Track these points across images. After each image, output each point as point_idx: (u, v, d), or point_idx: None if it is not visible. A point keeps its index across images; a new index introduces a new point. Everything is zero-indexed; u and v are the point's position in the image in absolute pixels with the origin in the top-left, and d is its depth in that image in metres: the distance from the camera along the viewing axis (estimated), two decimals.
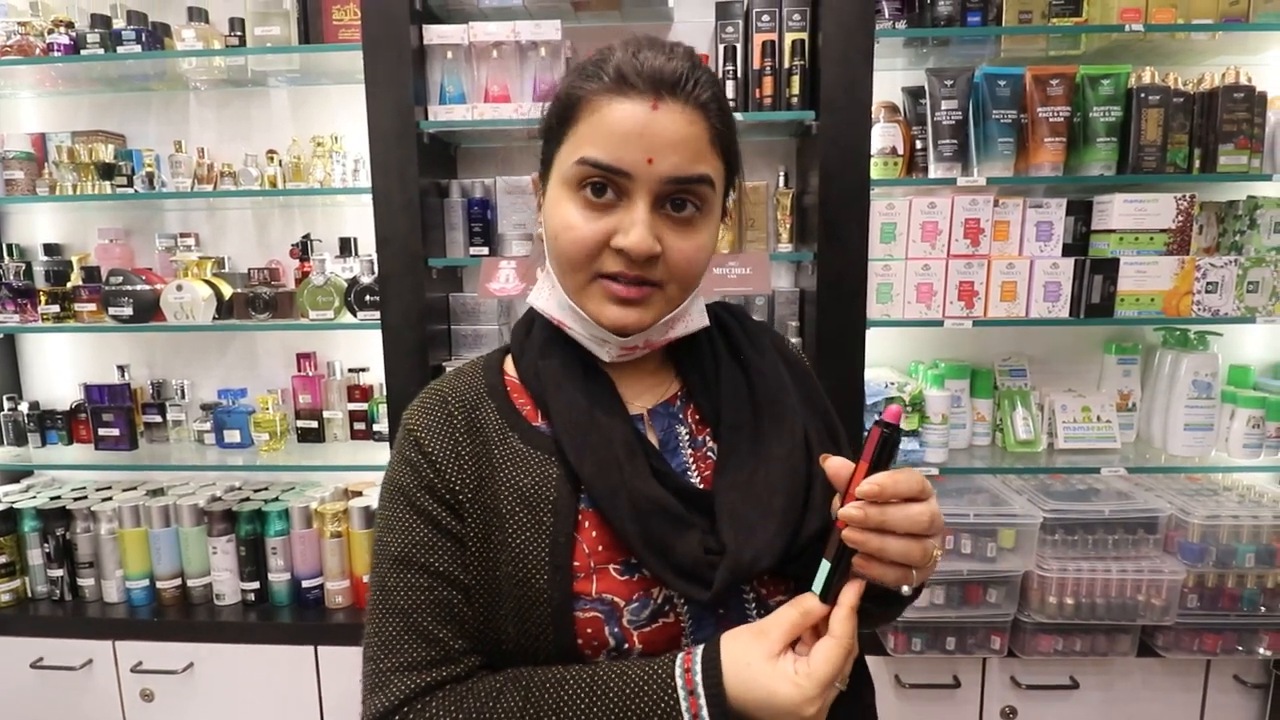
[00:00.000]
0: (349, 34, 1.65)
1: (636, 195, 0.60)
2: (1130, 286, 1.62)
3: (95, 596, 1.79)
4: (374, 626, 0.63)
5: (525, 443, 0.65)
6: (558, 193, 0.63)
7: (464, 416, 0.66)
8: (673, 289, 0.63)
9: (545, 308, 0.68)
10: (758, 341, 0.73)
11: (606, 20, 1.77)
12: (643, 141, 0.58)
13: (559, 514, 0.62)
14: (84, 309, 1.78)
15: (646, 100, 0.59)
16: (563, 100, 0.63)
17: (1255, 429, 1.67)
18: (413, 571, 0.62)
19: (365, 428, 1.84)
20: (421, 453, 0.65)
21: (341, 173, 1.76)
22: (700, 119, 0.60)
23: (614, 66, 0.60)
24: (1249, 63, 1.71)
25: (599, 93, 0.60)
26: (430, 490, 0.64)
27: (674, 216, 0.61)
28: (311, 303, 1.73)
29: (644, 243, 0.59)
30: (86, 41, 1.68)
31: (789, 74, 1.61)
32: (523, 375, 0.69)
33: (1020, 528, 1.59)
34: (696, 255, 0.63)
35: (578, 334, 0.67)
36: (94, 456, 1.83)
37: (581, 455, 0.62)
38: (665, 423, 0.69)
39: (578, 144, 0.61)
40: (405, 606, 0.61)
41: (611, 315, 0.62)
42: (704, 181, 0.61)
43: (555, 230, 0.63)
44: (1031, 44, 1.70)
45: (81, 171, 1.78)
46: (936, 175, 1.65)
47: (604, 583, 0.61)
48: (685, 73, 0.60)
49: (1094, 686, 1.66)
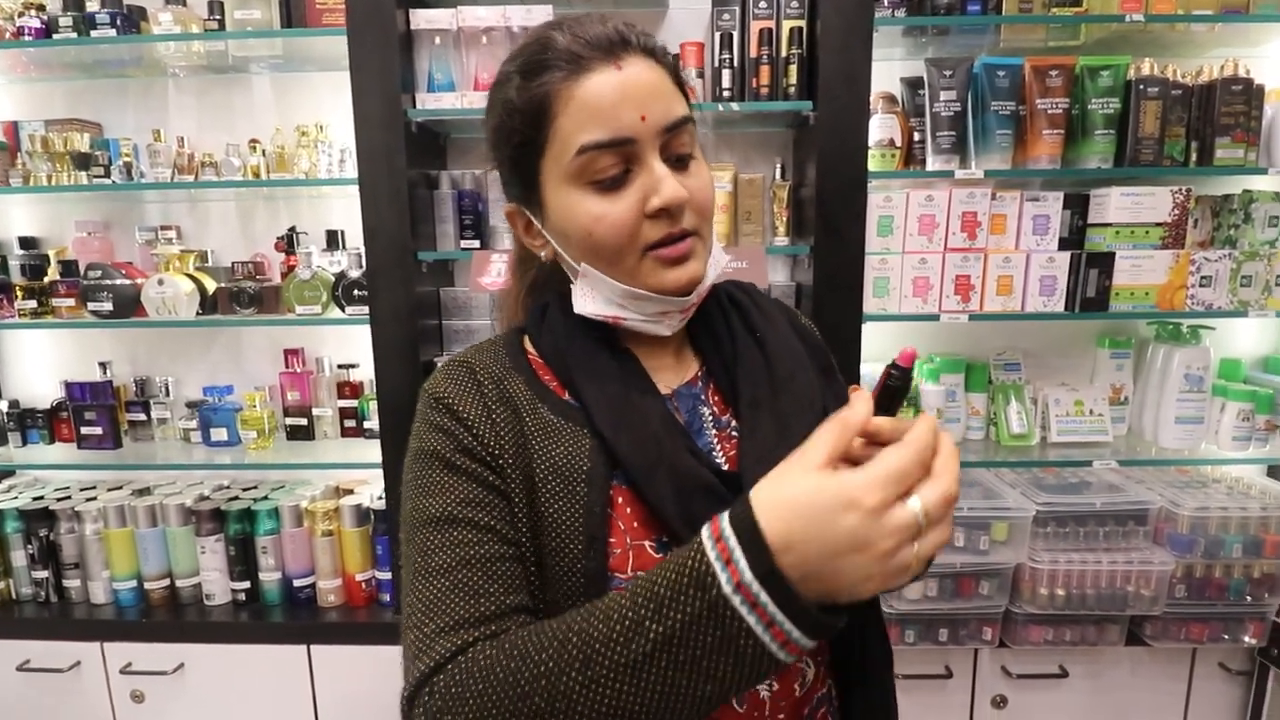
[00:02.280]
0: (333, 18, 1.59)
1: (647, 155, 0.60)
2: (1125, 280, 1.62)
3: (81, 598, 1.76)
4: (414, 593, 0.57)
5: (556, 414, 0.64)
6: (564, 195, 0.61)
7: (493, 386, 0.64)
8: (705, 230, 0.64)
9: (595, 311, 0.66)
10: (772, 317, 0.73)
11: (599, 6, 1.72)
12: (629, 103, 0.58)
13: (593, 484, 0.60)
14: (62, 304, 1.73)
15: (609, 65, 0.58)
16: (525, 109, 0.60)
17: (1245, 422, 1.69)
18: (458, 528, 0.58)
19: (356, 425, 1.81)
20: (455, 418, 0.62)
21: (327, 163, 1.71)
22: (655, 64, 0.61)
23: (561, 51, 0.59)
24: (1248, 55, 1.70)
25: (561, 81, 0.59)
26: (469, 453, 0.61)
27: (675, 164, 0.62)
28: (298, 297, 1.69)
29: (678, 191, 0.60)
30: (59, 25, 1.61)
31: (786, 63, 1.57)
32: (544, 354, 0.68)
33: (1013, 521, 1.61)
34: (707, 189, 0.64)
35: (635, 320, 0.65)
36: (77, 456, 1.79)
37: (618, 431, 0.61)
38: (689, 404, 0.68)
39: (568, 137, 0.59)
40: (450, 563, 0.57)
41: (675, 277, 0.63)
42: (688, 120, 0.62)
43: (585, 227, 0.61)
44: (1031, 34, 1.68)
45: (56, 161, 1.71)
46: (934, 168, 1.63)
47: (639, 559, 0.60)
48: (624, 29, 0.60)
49: (1083, 675, 1.69)
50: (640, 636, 0.47)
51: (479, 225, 1.68)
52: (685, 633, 0.46)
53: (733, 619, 0.45)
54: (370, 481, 1.86)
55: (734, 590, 0.45)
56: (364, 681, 1.68)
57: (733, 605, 0.45)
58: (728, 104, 1.60)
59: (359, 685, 1.68)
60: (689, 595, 0.46)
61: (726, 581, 0.45)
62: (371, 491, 1.80)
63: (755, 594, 0.45)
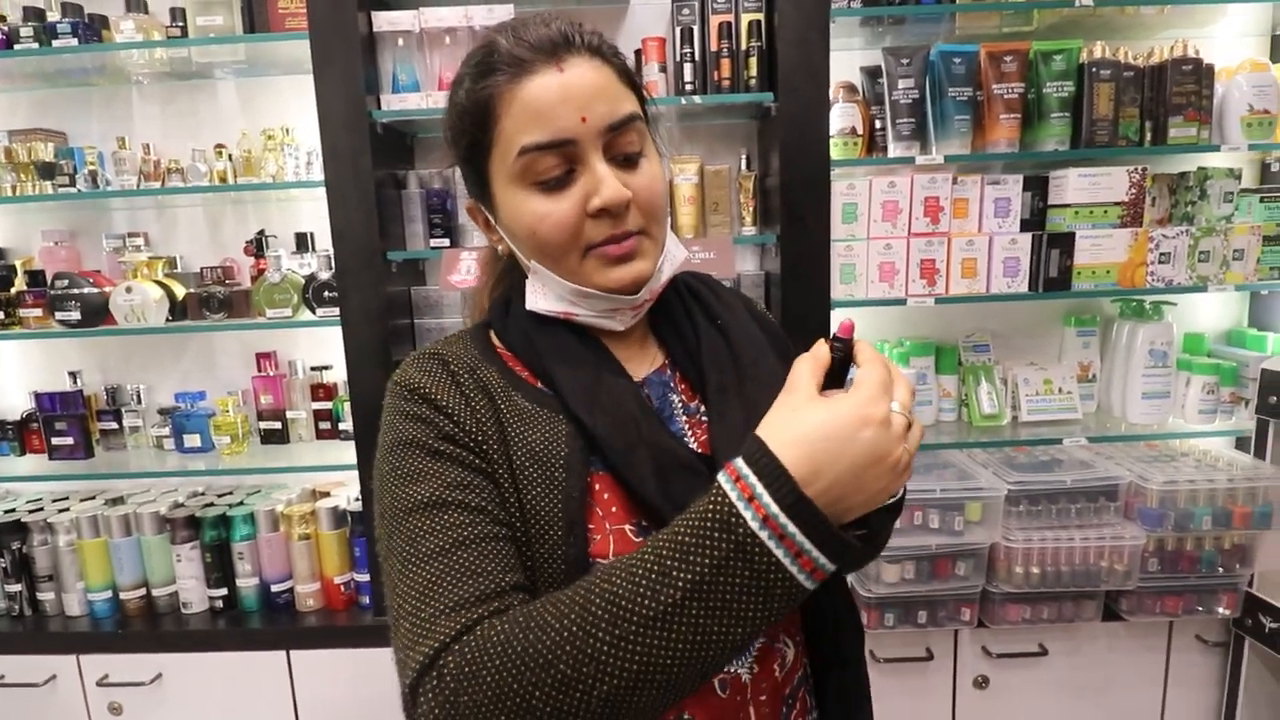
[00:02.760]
0: (295, 22, 1.60)
1: (588, 156, 0.60)
2: (1086, 260, 1.64)
3: (56, 610, 1.74)
4: (406, 581, 0.54)
5: (530, 401, 0.63)
6: (510, 195, 0.62)
7: (467, 375, 0.64)
8: (653, 228, 0.64)
9: (547, 308, 0.66)
10: (732, 306, 0.74)
11: (561, 4, 1.74)
12: (569, 105, 0.59)
13: (570, 470, 0.60)
14: (29, 314, 1.72)
15: (550, 67, 0.59)
16: (472, 110, 0.62)
17: (1210, 395, 1.71)
18: (449, 510, 0.56)
19: (331, 426, 1.81)
20: (433, 406, 0.61)
21: (294, 166, 1.72)
22: (601, 63, 0.61)
23: (504, 54, 0.60)
24: (1196, 35, 1.74)
25: (504, 84, 0.60)
26: (451, 439, 0.60)
27: (621, 164, 0.63)
28: (268, 301, 1.69)
29: (619, 192, 0.60)
30: (20, 35, 1.61)
31: (746, 56, 1.60)
32: (513, 346, 0.68)
33: (986, 500, 1.62)
34: (655, 186, 0.64)
35: (586, 316, 0.66)
36: (48, 467, 1.78)
37: (594, 413, 0.61)
38: (660, 390, 0.69)
39: (510, 139, 0.60)
40: (444, 545, 0.55)
41: (617, 276, 0.63)
42: (634, 119, 0.62)
43: (530, 227, 0.62)
44: (985, 21, 1.71)
45: (21, 171, 1.71)
46: (896, 154, 1.66)
47: (620, 544, 0.60)
48: (569, 30, 0.61)
49: (1062, 652, 1.70)
50: (668, 586, 0.47)
51: (448, 224, 1.69)
52: (714, 576, 0.47)
53: (761, 554, 0.46)
54: (347, 483, 1.85)
55: (761, 525, 0.46)
56: (345, 685, 1.67)
57: (760, 540, 0.46)
58: (690, 97, 1.61)
59: (340, 689, 1.67)
60: (715, 538, 0.47)
61: (753, 518, 0.46)
62: (348, 493, 1.79)
63: (782, 526, 0.46)
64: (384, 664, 1.97)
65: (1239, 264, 1.66)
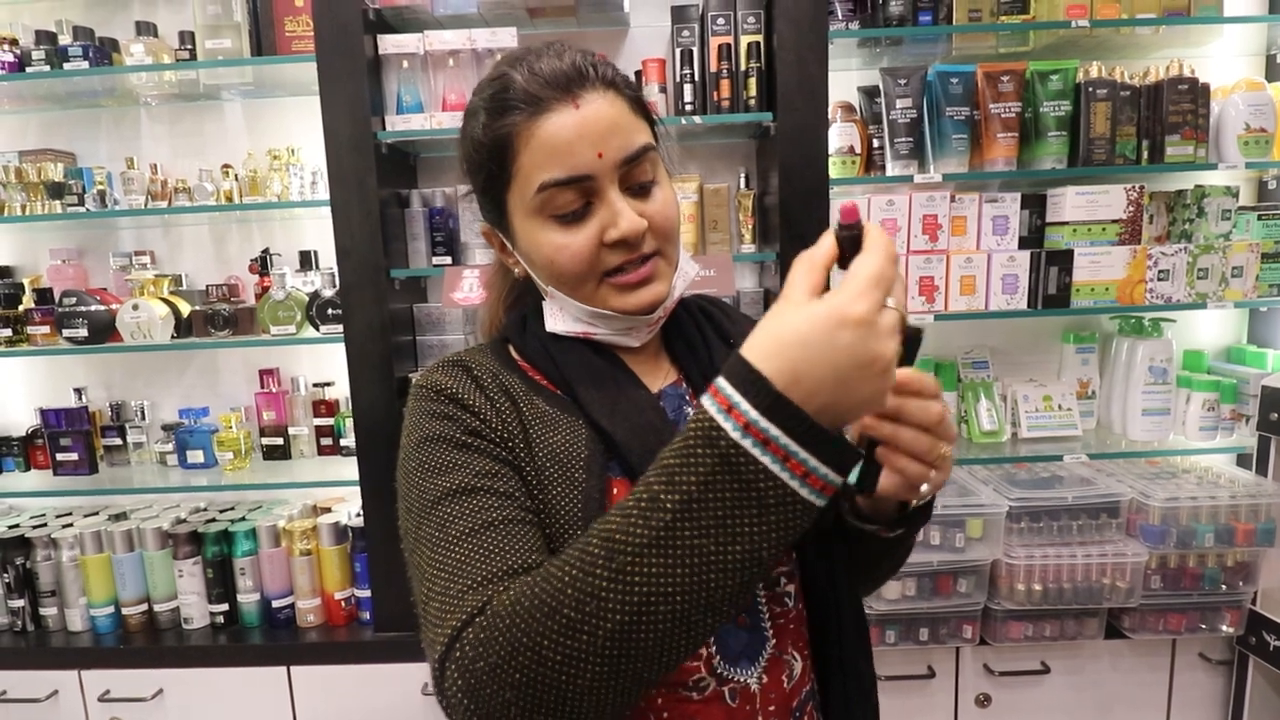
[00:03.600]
0: (302, 45, 1.63)
1: (605, 189, 0.62)
2: (1085, 277, 1.65)
3: (59, 626, 1.74)
4: (434, 565, 0.55)
5: (551, 405, 0.66)
6: (529, 226, 0.65)
7: (490, 379, 0.66)
8: (668, 249, 0.67)
9: (566, 328, 0.69)
10: (742, 326, 0.76)
11: (562, 26, 1.76)
12: (585, 141, 0.61)
13: (590, 471, 0.62)
14: (37, 331, 1.74)
15: (566, 105, 0.61)
16: (490, 146, 0.64)
17: (1210, 412, 1.71)
18: (478, 495, 0.57)
19: (332, 443, 1.82)
20: (459, 405, 0.63)
21: (299, 185, 1.74)
22: (615, 96, 0.63)
23: (520, 91, 0.61)
24: (1191, 55, 1.76)
25: (522, 122, 0.61)
26: (477, 434, 0.61)
27: (636, 193, 0.65)
28: (272, 318, 1.71)
29: (635, 224, 0.62)
30: (31, 59, 1.64)
31: (745, 76, 1.62)
32: (531, 358, 0.70)
33: (987, 517, 1.62)
34: (668, 210, 0.66)
35: (604, 335, 0.69)
36: (53, 482, 1.79)
37: (614, 420, 0.63)
38: (674, 403, 0.70)
39: (529, 175, 0.62)
40: (473, 527, 0.56)
41: (635, 300, 0.65)
42: (648, 149, 0.64)
43: (548, 257, 0.64)
44: (982, 42, 1.73)
45: (30, 191, 1.73)
46: (894, 173, 1.67)
47: None
48: (581, 63, 0.62)
49: (1064, 670, 1.69)
50: (657, 511, 0.46)
51: (450, 242, 1.70)
52: (703, 493, 0.45)
53: (748, 463, 0.45)
54: (348, 499, 1.86)
55: (743, 434, 0.45)
56: (345, 701, 1.67)
57: (743, 448, 0.45)
58: (690, 117, 1.63)
59: (340, 705, 1.67)
60: (699, 454, 0.46)
61: (733, 428, 0.45)
62: (349, 509, 1.80)
63: (764, 430, 0.44)
64: (384, 680, 1.97)
65: (1238, 281, 1.67)
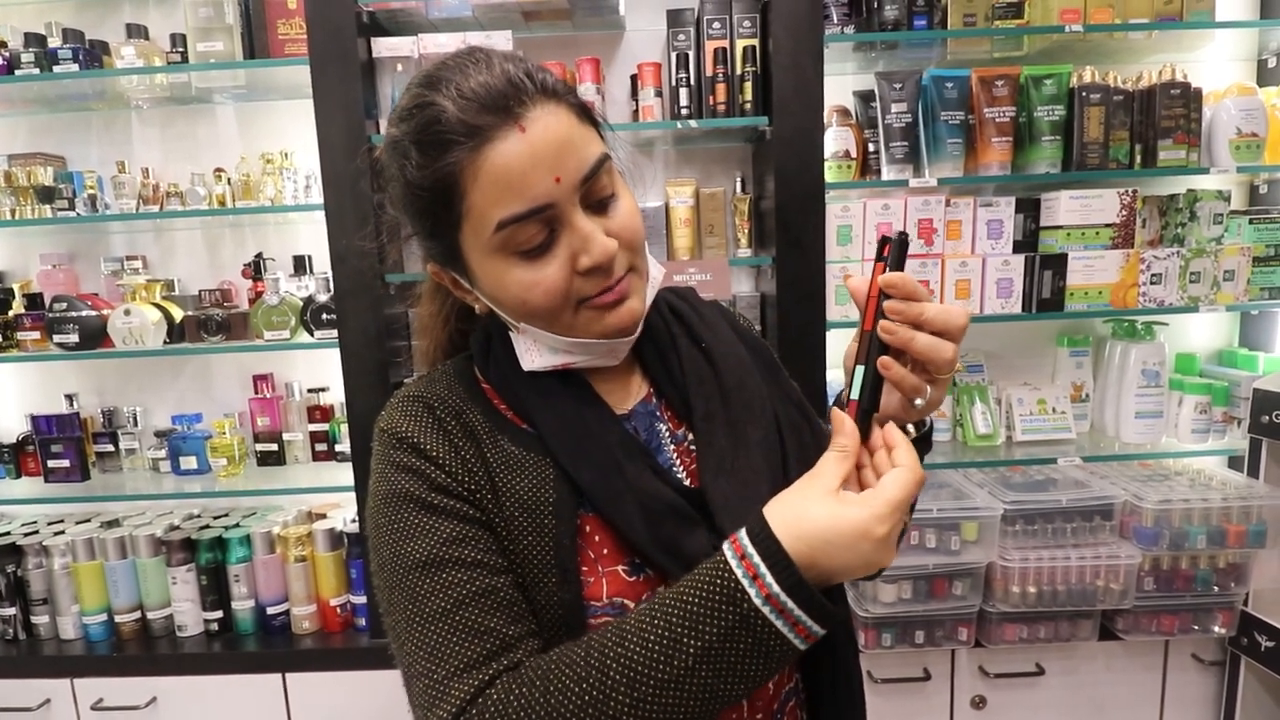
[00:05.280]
0: (295, 48, 1.62)
1: (569, 214, 0.58)
2: (1079, 280, 1.66)
3: (51, 634, 1.73)
4: (413, 641, 0.56)
5: (517, 444, 0.63)
6: (490, 265, 0.59)
7: (453, 420, 0.62)
8: (639, 262, 0.63)
9: (544, 364, 0.65)
10: (714, 324, 0.73)
11: (558, 30, 1.76)
12: (540, 168, 0.55)
13: (560, 516, 0.60)
14: (27, 337, 1.72)
15: (511, 129, 0.55)
16: (431, 188, 0.57)
17: (1203, 414, 1.73)
18: (447, 569, 0.57)
19: (327, 448, 1.81)
20: (422, 456, 0.60)
21: (293, 190, 1.73)
22: (555, 105, 0.57)
23: (455, 123, 0.55)
24: (1184, 60, 1.77)
25: (465, 157, 0.55)
26: (443, 490, 0.59)
27: (597, 208, 0.60)
28: (266, 323, 1.70)
29: (607, 248, 0.58)
30: (21, 61, 1.62)
31: (741, 80, 1.61)
32: (494, 386, 0.67)
33: (982, 520, 1.63)
34: (634, 222, 0.62)
35: (583, 363, 0.65)
36: (44, 489, 1.77)
37: (578, 462, 0.61)
38: (647, 422, 0.68)
39: (483, 213, 0.56)
40: (445, 607, 0.56)
41: (614, 321, 0.62)
42: (604, 160, 0.59)
43: (518, 296, 0.60)
44: (976, 46, 1.73)
45: (20, 195, 1.72)
46: (889, 177, 1.67)
47: (614, 586, 0.61)
48: (515, 75, 0.56)
49: (1059, 672, 1.71)
50: (680, 652, 0.52)
51: None
52: (722, 644, 0.52)
53: (764, 626, 0.52)
54: (343, 505, 1.85)
55: (764, 602, 0.52)
56: (341, 708, 1.66)
57: (763, 615, 0.52)
58: (686, 121, 1.63)
59: (336, 712, 1.66)
60: (722, 610, 0.52)
61: (756, 595, 0.52)
62: (345, 515, 1.79)
63: (783, 603, 0.52)
64: (380, 686, 1.96)
65: (1230, 284, 1.68)
